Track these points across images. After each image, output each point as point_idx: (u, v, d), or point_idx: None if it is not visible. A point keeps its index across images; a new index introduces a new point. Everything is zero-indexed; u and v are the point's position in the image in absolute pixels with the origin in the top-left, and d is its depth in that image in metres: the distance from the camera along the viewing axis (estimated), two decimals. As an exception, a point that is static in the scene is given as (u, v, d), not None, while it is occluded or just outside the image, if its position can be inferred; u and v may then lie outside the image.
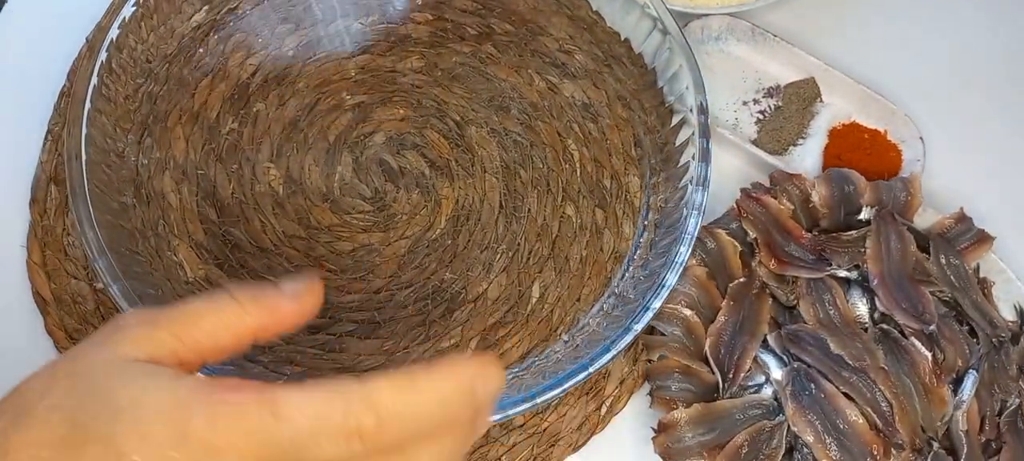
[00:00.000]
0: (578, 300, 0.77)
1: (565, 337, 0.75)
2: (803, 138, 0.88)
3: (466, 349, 0.74)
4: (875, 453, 0.70)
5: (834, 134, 0.88)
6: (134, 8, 0.76)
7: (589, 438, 0.75)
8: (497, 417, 0.64)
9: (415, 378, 0.47)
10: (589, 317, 0.76)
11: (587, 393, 0.76)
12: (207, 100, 0.81)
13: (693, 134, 0.75)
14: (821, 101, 0.90)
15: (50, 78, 0.84)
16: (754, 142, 0.87)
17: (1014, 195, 0.88)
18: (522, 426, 0.75)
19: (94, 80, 0.72)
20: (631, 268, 0.78)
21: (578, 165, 0.83)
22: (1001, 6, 0.99)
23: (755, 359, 0.74)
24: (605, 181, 0.82)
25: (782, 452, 0.71)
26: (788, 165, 0.85)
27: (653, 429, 0.71)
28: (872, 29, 0.97)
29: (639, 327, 0.67)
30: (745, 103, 0.91)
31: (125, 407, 0.43)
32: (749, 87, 0.92)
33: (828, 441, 0.70)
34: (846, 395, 0.71)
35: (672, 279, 0.69)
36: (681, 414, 0.71)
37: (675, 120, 0.80)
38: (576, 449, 0.75)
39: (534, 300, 0.77)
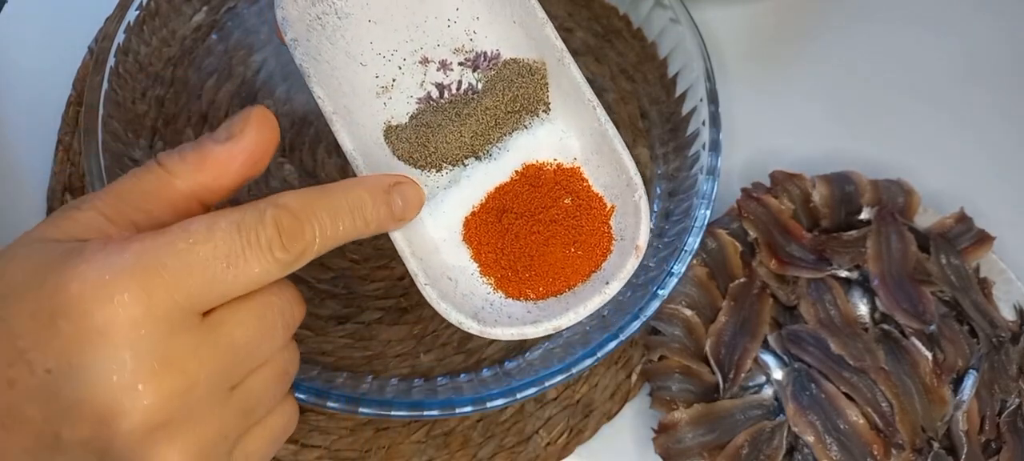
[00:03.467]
0: (600, 272, 0.76)
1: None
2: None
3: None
4: (875, 453, 0.67)
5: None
6: (138, 12, 0.73)
7: (622, 406, 0.73)
8: (533, 391, 0.62)
9: (325, 186, 0.46)
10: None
11: (616, 362, 0.74)
12: (214, 100, 0.78)
13: (704, 121, 0.73)
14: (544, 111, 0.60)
15: (55, 88, 0.81)
16: (384, 134, 0.58)
17: (1014, 195, 0.85)
18: (556, 399, 0.73)
19: (106, 86, 0.69)
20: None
21: (588, 140, 0.81)
22: (1003, 7, 0.95)
23: (756, 359, 0.71)
24: (615, 154, 0.80)
25: (783, 452, 0.68)
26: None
27: (653, 430, 0.69)
28: (871, 27, 0.93)
29: (665, 292, 0.65)
30: (424, 61, 0.60)
31: (17, 285, 0.39)
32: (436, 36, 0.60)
33: (829, 441, 0.67)
34: (847, 395, 0.68)
35: (693, 243, 0.67)
36: (681, 414, 0.68)
37: (679, 90, 0.77)
38: (610, 418, 0.73)
39: (557, 274, 0.75)
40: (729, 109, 0.80)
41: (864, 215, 0.77)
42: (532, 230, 0.55)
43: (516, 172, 0.57)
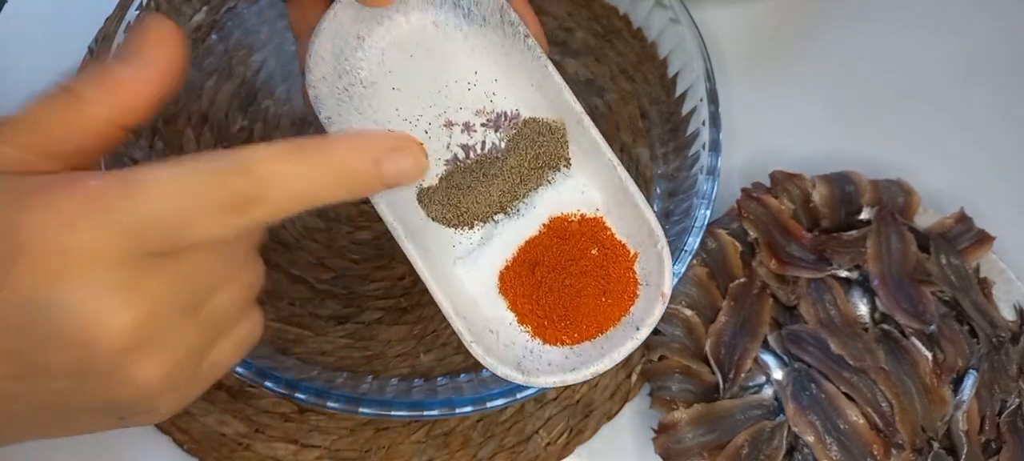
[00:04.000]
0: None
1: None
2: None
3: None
4: (875, 453, 0.67)
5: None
6: (138, 12, 0.73)
7: (622, 406, 0.73)
8: (533, 391, 0.63)
9: (302, 145, 0.43)
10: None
11: (617, 361, 0.75)
12: (215, 100, 0.78)
13: (704, 122, 0.73)
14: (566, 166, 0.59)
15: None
16: (418, 197, 0.58)
17: (1014, 195, 0.85)
18: (556, 399, 0.73)
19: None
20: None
21: (588, 141, 0.81)
22: (1003, 7, 0.95)
23: (756, 359, 0.71)
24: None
25: (783, 452, 0.68)
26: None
27: (653, 430, 0.69)
28: (871, 27, 0.93)
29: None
30: (449, 124, 0.59)
31: None
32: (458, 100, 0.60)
33: (829, 441, 0.67)
34: (847, 395, 0.68)
35: (693, 243, 0.67)
36: (681, 415, 0.68)
37: (679, 90, 0.77)
38: (610, 418, 0.73)
39: (559, 274, 0.75)
40: (729, 109, 0.79)
41: (864, 215, 0.77)
42: (564, 283, 0.57)
43: (544, 225, 0.59)
